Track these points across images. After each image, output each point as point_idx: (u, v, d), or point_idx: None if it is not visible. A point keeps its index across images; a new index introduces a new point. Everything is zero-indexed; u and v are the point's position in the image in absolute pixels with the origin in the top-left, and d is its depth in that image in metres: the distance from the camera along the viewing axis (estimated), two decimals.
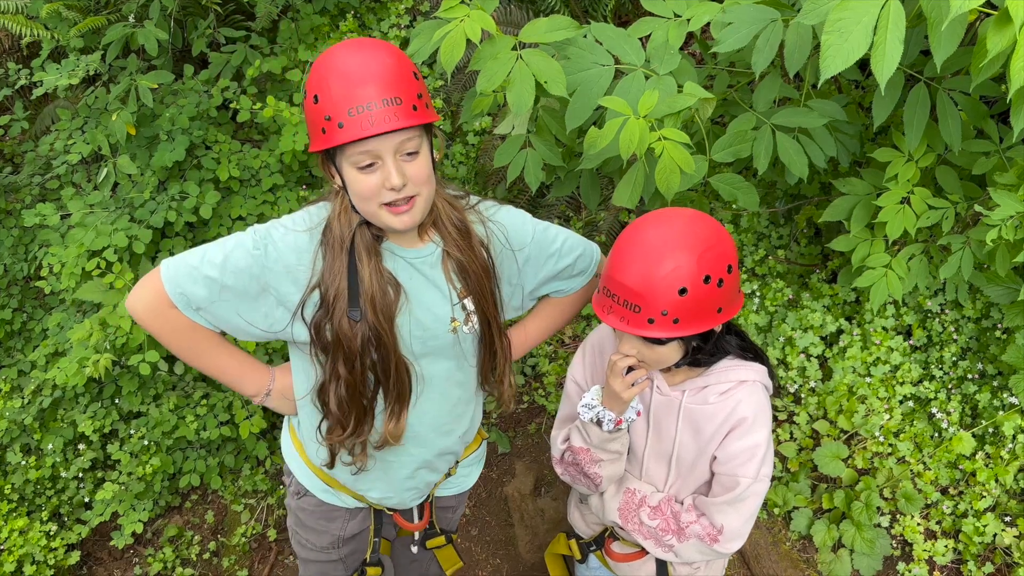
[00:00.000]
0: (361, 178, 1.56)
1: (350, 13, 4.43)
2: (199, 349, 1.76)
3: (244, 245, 1.64)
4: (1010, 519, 2.70)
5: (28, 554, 3.46)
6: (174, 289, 1.64)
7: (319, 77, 1.53)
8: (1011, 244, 2.31)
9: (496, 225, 1.84)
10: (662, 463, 1.83)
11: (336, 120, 1.50)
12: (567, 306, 2.08)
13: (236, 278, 1.63)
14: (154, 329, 1.70)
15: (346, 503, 2.03)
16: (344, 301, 1.65)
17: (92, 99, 3.72)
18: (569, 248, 1.95)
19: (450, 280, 1.76)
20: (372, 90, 1.50)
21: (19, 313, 3.98)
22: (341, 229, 1.65)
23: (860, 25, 1.59)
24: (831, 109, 2.42)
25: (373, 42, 1.59)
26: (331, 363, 1.72)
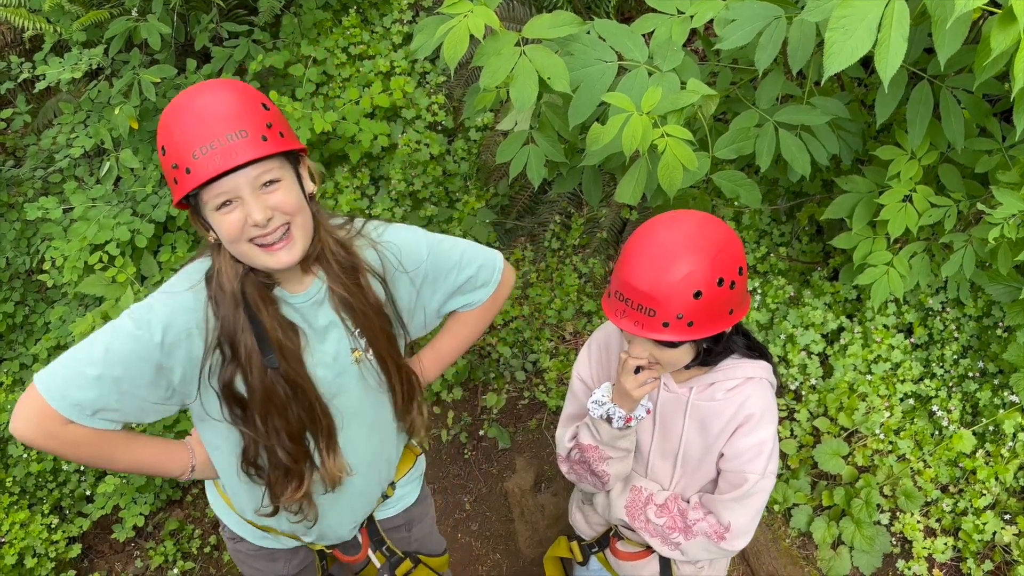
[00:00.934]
0: (223, 219, 1.47)
1: (353, 8, 4.43)
2: (109, 454, 1.61)
3: (124, 330, 1.51)
4: (1010, 517, 2.71)
5: (29, 547, 3.47)
6: (62, 402, 1.47)
7: (164, 128, 1.46)
8: (1013, 242, 2.31)
9: (387, 246, 1.74)
10: (668, 460, 1.83)
11: (184, 166, 1.42)
12: (476, 320, 1.97)
13: (125, 367, 1.50)
14: (53, 449, 1.55)
15: (284, 544, 1.98)
16: (258, 354, 1.57)
17: (95, 93, 3.72)
18: (468, 260, 1.84)
19: (339, 314, 1.69)
20: (213, 127, 1.41)
21: (21, 306, 3.98)
22: (230, 283, 1.55)
23: (864, 22, 1.59)
24: (834, 106, 2.43)
25: (215, 82, 1.52)
26: (260, 423, 1.63)
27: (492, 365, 3.87)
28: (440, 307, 1.89)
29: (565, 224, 4.18)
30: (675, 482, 1.85)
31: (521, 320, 3.91)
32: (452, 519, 3.52)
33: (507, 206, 4.30)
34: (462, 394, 3.81)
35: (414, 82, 4.28)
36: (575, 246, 4.10)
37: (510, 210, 4.29)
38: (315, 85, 4.25)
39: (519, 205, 4.28)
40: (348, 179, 4.18)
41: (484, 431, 3.72)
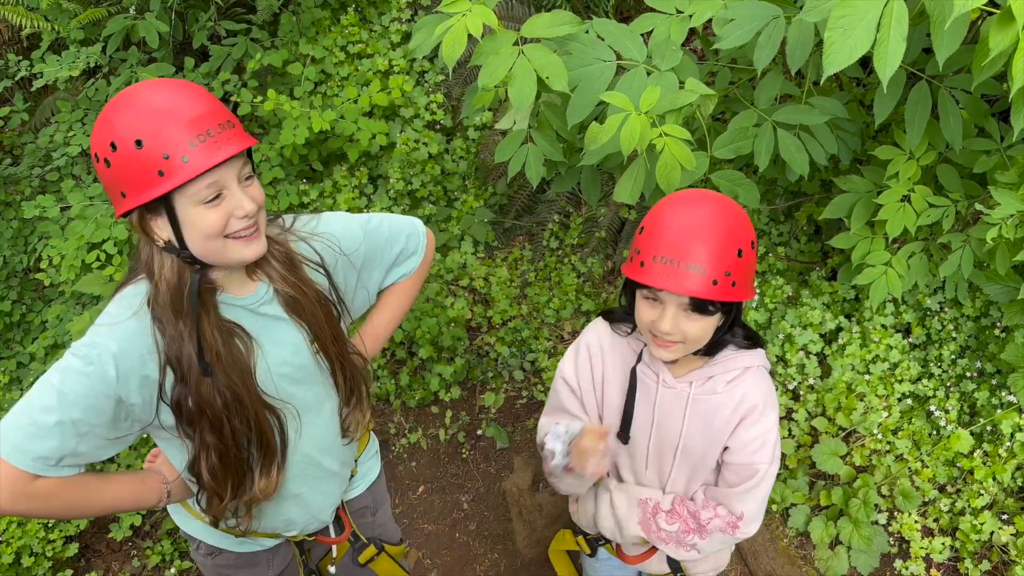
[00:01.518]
0: (208, 213, 1.43)
1: (351, 7, 4.43)
2: (83, 501, 1.56)
3: (72, 369, 1.45)
4: (1007, 517, 2.71)
5: (26, 546, 3.46)
6: (24, 459, 1.41)
7: (133, 121, 1.38)
8: (1011, 243, 2.31)
9: (323, 237, 1.74)
10: (667, 455, 1.83)
11: (178, 155, 1.36)
12: (409, 289, 2.00)
13: (83, 408, 1.44)
14: (26, 510, 1.49)
15: (264, 545, 1.97)
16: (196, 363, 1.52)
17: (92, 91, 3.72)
18: (396, 233, 1.88)
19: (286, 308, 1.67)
20: (204, 118, 1.39)
21: (18, 305, 3.97)
22: (171, 293, 1.50)
23: (863, 22, 1.59)
24: (832, 106, 2.42)
25: (169, 80, 1.47)
26: (198, 435, 1.59)
27: (490, 364, 3.87)
28: (380, 283, 1.92)
29: (563, 223, 4.18)
30: (674, 476, 1.84)
31: (519, 319, 3.91)
32: (450, 519, 3.52)
33: (506, 205, 4.30)
34: (460, 393, 3.81)
35: (412, 81, 4.27)
36: (573, 245, 4.10)
37: (509, 209, 4.29)
38: (313, 84, 4.24)
39: (517, 204, 4.28)
40: (346, 178, 4.18)
41: (482, 430, 3.72)
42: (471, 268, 4.09)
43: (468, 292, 4.10)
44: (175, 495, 1.75)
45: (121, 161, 1.39)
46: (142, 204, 1.41)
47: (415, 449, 3.76)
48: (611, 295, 3.87)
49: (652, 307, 1.62)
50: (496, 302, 3.94)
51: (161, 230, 1.46)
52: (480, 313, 3.98)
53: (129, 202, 1.42)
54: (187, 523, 1.94)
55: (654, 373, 1.77)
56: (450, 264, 4.09)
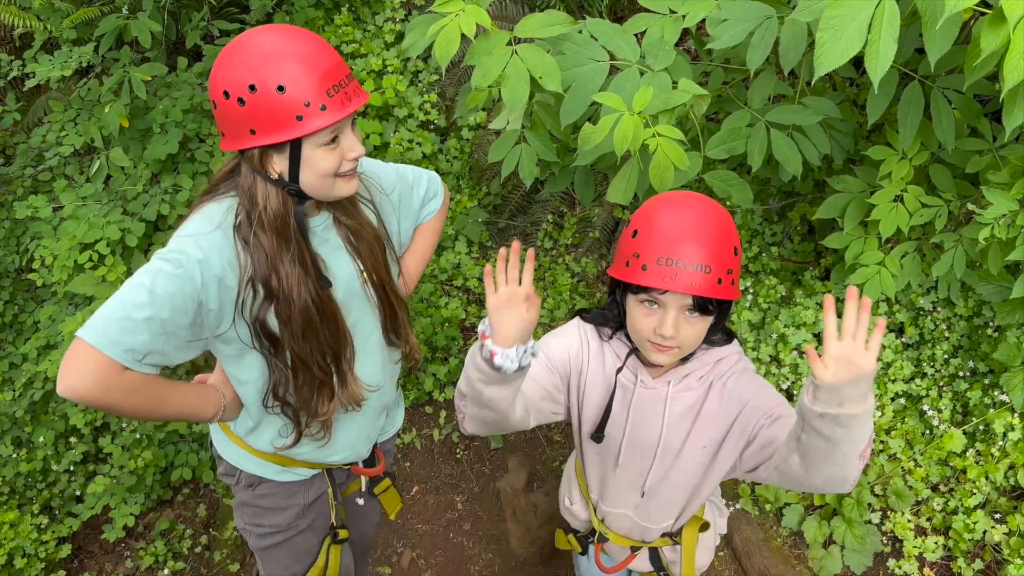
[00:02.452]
0: (327, 155, 1.60)
1: (345, 6, 4.42)
2: (157, 400, 1.66)
3: (162, 271, 1.56)
4: (1000, 516, 2.72)
5: (19, 547, 3.45)
6: (116, 349, 1.51)
7: (277, 67, 1.50)
8: (1003, 242, 2.32)
9: (368, 175, 1.91)
10: (647, 453, 1.82)
11: (317, 103, 1.52)
12: (435, 228, 2.18)
13: (171, 307, 1.55)
14: (111, 402, 1.56)
15: (302, 475, 2.06)
16: (298, 283, 1.68)
17: (85, 91, 3.71)
18: (417, 175, 2.07)
19: (345, 242, 1.83)
20: (336, 70, 1.55)
21: (11, 305, 3.96)
22: (276, 219, 1.64)
23: (855, 23, 1.59)
24: (825, 106, 2.43)
25: (299, 28, 1.60)
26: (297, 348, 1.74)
27: None
28: (416, 219, 2.10)
29: (558, 223, 4.18)
30: (652, 475, 1.84)
31: None
32: (444, 519, 3.51)
33: (500, 205, 4.30)
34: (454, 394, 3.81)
35: (406, 81, 4.27)
36: (568, 245, 4.10)
37: (503, 209, 4.28)
38: None
39: (511, 204, 4.27)
40: None
41: None
42: (465, 268, 4.09)
43: (462, 292, 4.10)
44: (229, 410, 1.87)
45: (260, 102, 1.51)
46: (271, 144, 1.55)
47: (409, 449, 3.75)
48: (604, 294, 3.86)
49: (650, 313, 1.61)
50: None
51: (277, 165, 1.61)
52: (474, 313, 3.98)
53: (257, 139, 1.55)
54: (230, 451, 2.02)
55: (632, 374, 1.77)
56: (444, 264, 4.08)
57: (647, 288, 1.57)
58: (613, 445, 1.85)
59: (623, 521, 1.98)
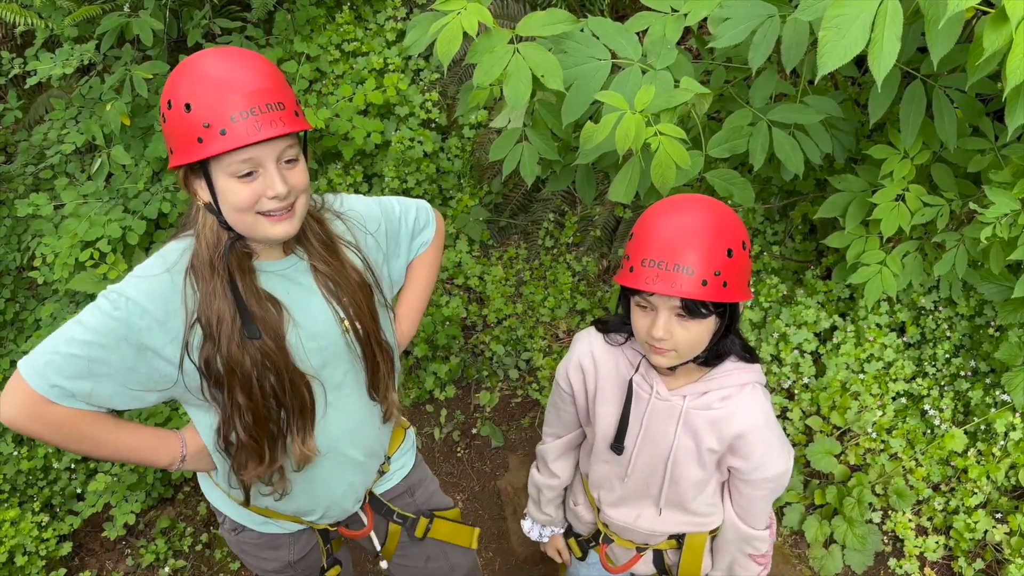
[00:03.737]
0: (239, 187, 1.47)
1: (346, 5, 4.42)
2: (93, 438, 1.59)
3: (101, 310, 1.50)
4: (1001, 516, 2.72)
5: (19, 545, 3.45)
6: (43, 383, 1.47)
7: (190, 85, 1.43)
8: (1005, 242, 2.31)
9: (350, 215, 1.80)
10: (658, 467, 1.82)
11: (217, 127, 1.40)
12: (431, 261, 2.05)
13: (103, 348, 1.49)
14: (37, 432, 1.54)
15: (287, 529, 1.98)
16: (229, 325, 1.56)
17: (86, 89, 3.71)
18: (405, 207, 1.95)
19: (323, 289, 1.71)
20: (255, 95, 1.42)
21: (12, 303, 3.96)
22: (209, 251, 1.55)
23: (857, 21, 1.59)
24: (827, 105, 2.42)
25: (241, 50, 1.51)
26: (228, 396, 1.61)
27: (485, 363, 3.87)
28: (407, 257, 1.98)
29: (559, 222, 4.18)
30: (666, 488, 1.84)
31: (515, 318, 3.91)
32: None
33: (501, 204, 4.29)
34: (455, 392, 3.81)
35: (408, 79, 4.27)
36: (569, 244, 4.10)
37: (504, 208, 4.28)
38: (308, 82, 4.24)
39: (513, 203, 4.27)
40: (341, 176, 4.17)
41: (477, 429, 3.71)
42: (466, 267, 4.09)
43: (463, 291, 4.10)
44: (190, 462, 1.76)
45: (172, 120, 1.45)
46: (182, 164, 1.47)
47: None
48: (606, 293, 3.87)
49: (645, 314, 1.62)
50: (491, 301, 3.94)
51: (202, 191, 1.52)
52: (475, 312, 3.98)
53: (174, 159, 1.49)
54: (212, 494, 1.96)
55: (648, 384, 1.77)
56: (445, 263, 4.08)
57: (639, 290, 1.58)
58: (624, 455, 1.85)
59: (625, 530, 1.98)
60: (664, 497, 1.85)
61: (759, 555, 1.93)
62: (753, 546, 1.91)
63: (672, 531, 1.95)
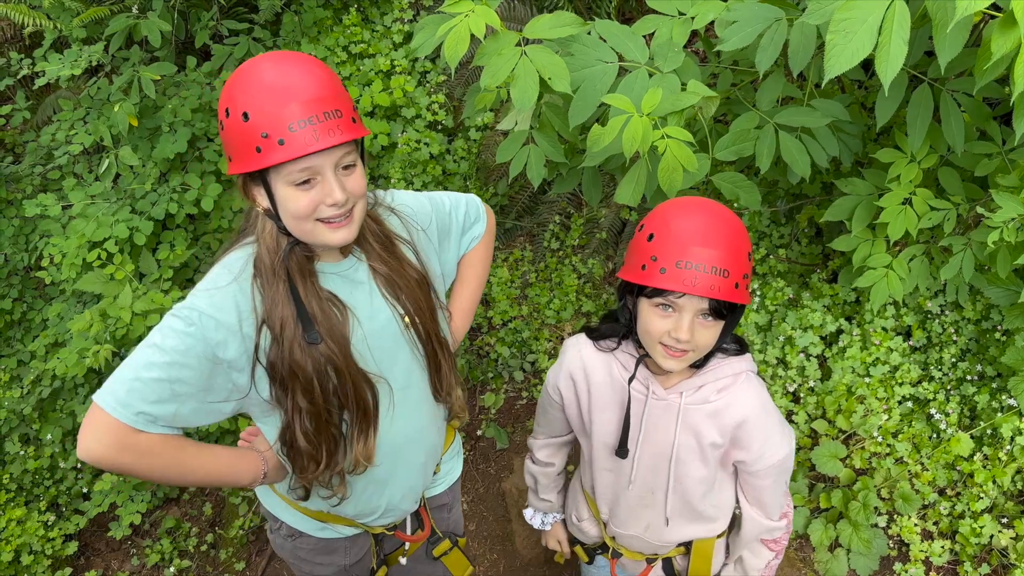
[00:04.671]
0: (298, 195, 1.47)
1: (353, 7, 4.43)
2: (181, 464, 1.59)
3: (175, 330, 1.49)
4: (1007, 520, 2.71)
5: (25, 544, 3.46)
6: (127, 412, 1.47)
7: (246, 93, 1.43)
8: (1012, 246, 2.31)
9: (402, 209, 1.80)
10: (661, 466, 1.82)
11: (275, 137, 1.40)
12: (483, 256, 2.04)
13: (185, 367, 1.49)
14: (127, 464, 1.52)
15: (343, 533, 1.97)
16: (291, 329, 1.56)
17: (94, 90, 3.72)
18: (455, 201, 1.94)
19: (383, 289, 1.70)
20: (312, 104, 1.42)
21: (19, 303, 3.98)
22: (271, 256, 1.56)
23: (865, 25, 1.59)
24: (834, 109, 2.42)
25: (297, 55, 1.49)
26: (290, 399, 1.61)
27: (490, 365, 3.87)
28: (458, 250, 1.96)
29: (564, 224, 4.18)
30: (671, 489, 1.84)
31: (520, 320, 3.91)
32: None
33: (507, 206, 4.30)
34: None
35: (414, 81, 4.27)
36: (574, 246, 4.10)
37: (510, 210, 4.28)
38: None
39: (519, 205, 4.28)
40: None
41: (482, 431, 3.72)
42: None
43: None
44: (271, 475, 1.77)
45: (230, 128, 1.45)
46: (245, 172, 1.47)
47: None
48: (611, 296, 3.87)
49: (665, 316, 1.61)
50: (497, 303, 3.94)
51: (261, 198, 1.52)
52: (480, 313, 3.98)
53: (233, 167, 1.49)
54: (270, 500, 1.95)
55: (643, 386, 1.77)
56: None
57: (664, 292, 1.57)
58: (627, 461, 1.84)
59: (634, 542, 1.98)
60: (670, 501, 1.85)
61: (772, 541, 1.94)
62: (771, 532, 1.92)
63: (681, 539, 1.95)
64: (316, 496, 1.81)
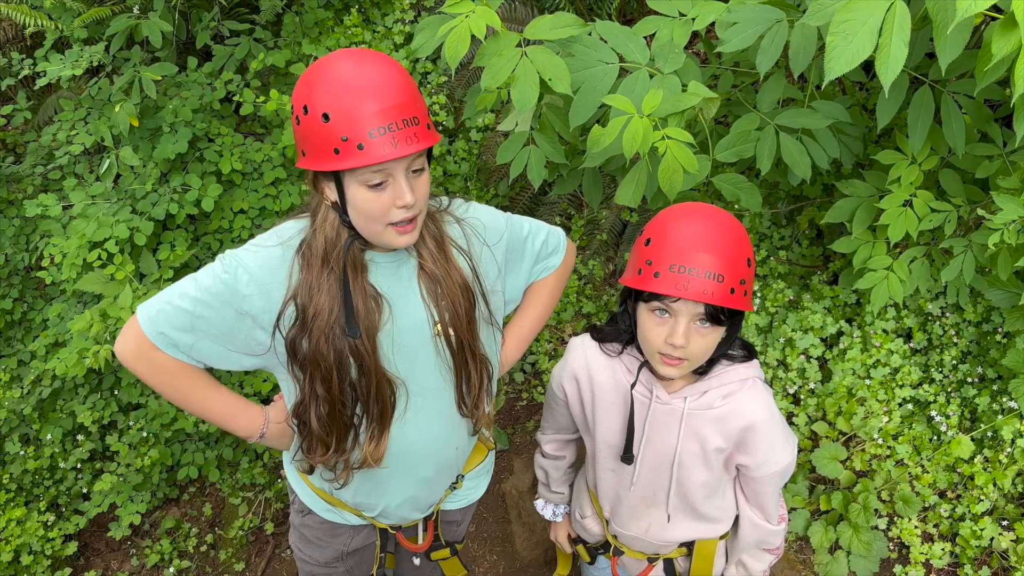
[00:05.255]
0: (371, 197, 1.49)
1: (354, 7, 4.43)
2: (185, 389, 1.69)
3: (213, 271, 1.59)
4: (1007, 523, 2.71)
5: (25, 544, 3.46)
6: (152, 329, 1.59)
7: (328, 93, 1.43)
8: (1013, 248, 2.31)
9: (470, 222, 1.78)
10: (663, 471, 1.82)
11: (355, 142, 1.42)
12: (554, 286, 2.04)
13: (209, 307, 1.57)
14: (140, 372, 1.66)
15: (349, 521, 1.99)
16: (325, 319, 1.59)
17: (95, 90, 3.72)
18: (536, 228, 1.94)
19: (424, 287, 1.70)
20: (392, 111, 1.43)
21: (19, 303, 3.98)
22: (327, 245, 1.58)
23: (865, 27, 1.59)
24: (835, 110, 2.42)
25: (377, 55, 1.50)
26: (308, 382, 1.65)
27: None
28: (528, 276, 1.96)
29: (565, 226, 4.18)
30: (673, 493, 1.84)
31: None
32: None
33: (507, 207, 4.30)
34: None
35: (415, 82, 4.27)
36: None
37: (510, 211, 4.28)
38: None
39: (519, 206, 4.28)
40: None
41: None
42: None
43: None
44: (270, 439, 1.82)
45: (308, 125, 1.47)
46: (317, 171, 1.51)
47: None
48: (612, 297, 3.87)
49: (662, 322, 1.61)
50: None
51: (331, 192, 1.55)
52: None
53: (307, 162, 1.52)
54: (291, 475, 2.01)
55: (647, 390, 1.76)
56: None
57: (659, 296, 1.57)
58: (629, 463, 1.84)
59: (635, 542, 1.98)
60: (671, 502, 1.85)
61: (773, 548, 1.94)
62: (769, 541, 1.92)
63: (682, 539, 1.94)
64: (319, 475, 1.85)
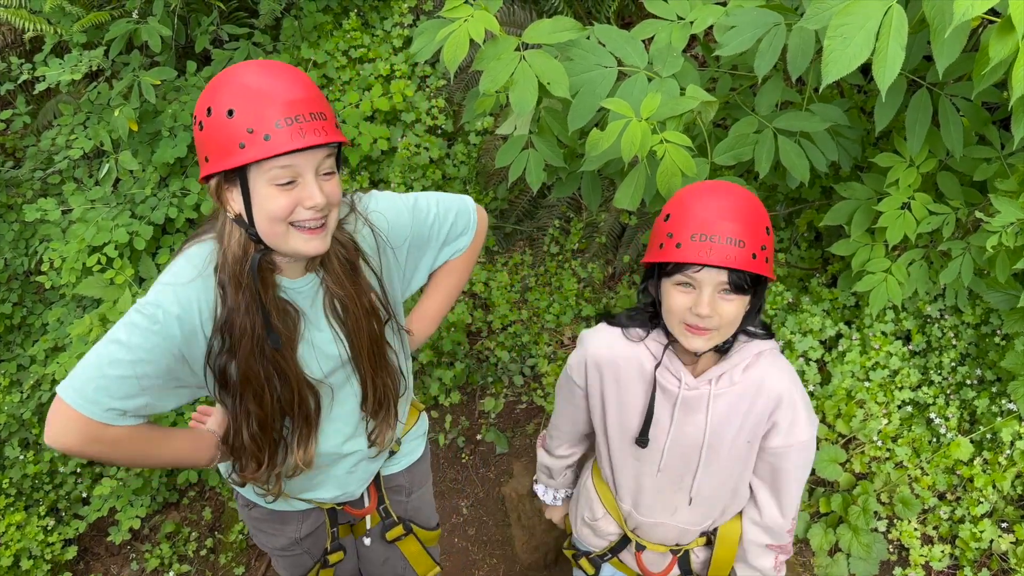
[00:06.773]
0: (278, 195, 1.46)
1: (353, 11, 4.43)
2: (145, 450, 1.63)
3: (139, 327, 1.51)
4: (1007, 525, 2.71)
5: (25, 548, 3.46)
6: (96, 409, 1.48)
7: (232, 93, 1.44)
8: (1011, 250, 2.31)
9: (375, 216, 1.76)
10: (692, 456, 1.81)
11: (260, 133, 1.41)
12: (461, 268, 2.02)
13: (149, 363, 1.51)
14: (94, 453, 1.57)
15: (296, 507, 2.02)
16: (250, 338, 1.57)
17: (95, 94, 3.73)
18: (444, 211, 1.90)
19: (327, 314, 1.71)
20: (298, 103, 1.43)
21: (19, 308, 3.98)
22: (235, 264, 1.55)
23: (863, 31, 1.59)
24: (833, 113, 2.43)
25: (280, 63, 1.52)
26: (240, 404, 1.65)
27: (490, 369, 3.87)
28: (432, 264, 1.94)
29: (564, 228, 4.18)
30: (699, 478, 1.83)
31: (519, 324, 3.91)
32: (449, 523, 3.51)
33: (506, 210, 4.30)
34: (460, 398, 3.81)
35: (414, 86, 4.28)
36: (574, 250, 4.10)
37: (509, 214, 4.29)
38: None
39: (518, 209, 4.28)
40: (347, 182, 4.18)
41: (482, 435, 3.71)
42: (471, 273, 4.09)
43: (468, 297, 4.11)
44: (224, 456, 1.80)
45: (212, 127, 1.45)
46: (220, 171, 1.47)
47: None
48: (611, 300, 3.87)
49: (686, 293, 1.62)
50: (496, 307, 3.95)
51: (234, 202, 1.51)
52: (480, 318, 3.98)
53: (210, 167, 1.47)
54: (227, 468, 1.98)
55: (675, 377, 1.76)
56: None
57: (682, 268, 1.59)
58: (655, 449, 1.83)
59: (659, 529, 1.97)
60: (696, 485, 1.85)
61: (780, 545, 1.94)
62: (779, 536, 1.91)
63: (705, 524, 1.94)
64: (251, 488, 1.87)
